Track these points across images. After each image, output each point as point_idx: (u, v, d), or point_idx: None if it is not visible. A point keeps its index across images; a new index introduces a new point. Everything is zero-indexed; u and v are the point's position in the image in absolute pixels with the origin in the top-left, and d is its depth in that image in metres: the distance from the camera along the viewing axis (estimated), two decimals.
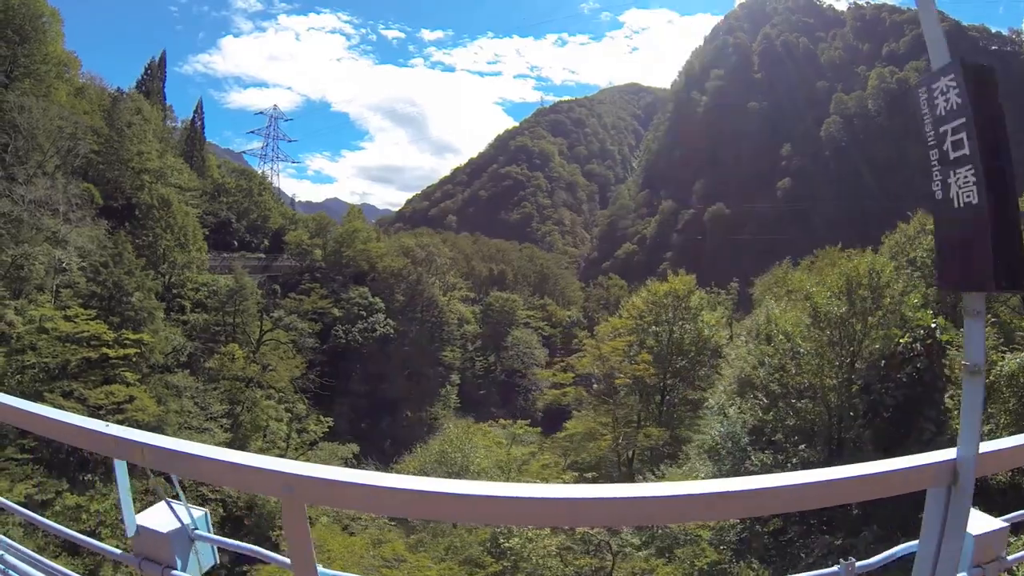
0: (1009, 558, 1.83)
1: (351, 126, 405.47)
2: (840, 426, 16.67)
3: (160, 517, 1.81)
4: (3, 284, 32.67)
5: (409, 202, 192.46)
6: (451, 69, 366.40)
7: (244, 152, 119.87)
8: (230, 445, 32.45)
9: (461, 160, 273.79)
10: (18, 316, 32.10)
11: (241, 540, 2.01)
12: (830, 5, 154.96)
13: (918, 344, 16.65)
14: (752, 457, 15.58)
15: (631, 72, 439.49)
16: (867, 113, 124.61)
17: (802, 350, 16.58)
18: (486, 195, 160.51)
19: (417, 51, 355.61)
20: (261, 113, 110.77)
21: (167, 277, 40.92)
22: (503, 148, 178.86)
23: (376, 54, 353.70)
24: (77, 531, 2.21)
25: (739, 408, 16.86)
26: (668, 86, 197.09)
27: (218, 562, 1.94)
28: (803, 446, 16.09)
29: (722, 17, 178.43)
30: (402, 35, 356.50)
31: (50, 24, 42.22)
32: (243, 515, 31.20)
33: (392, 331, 51.54)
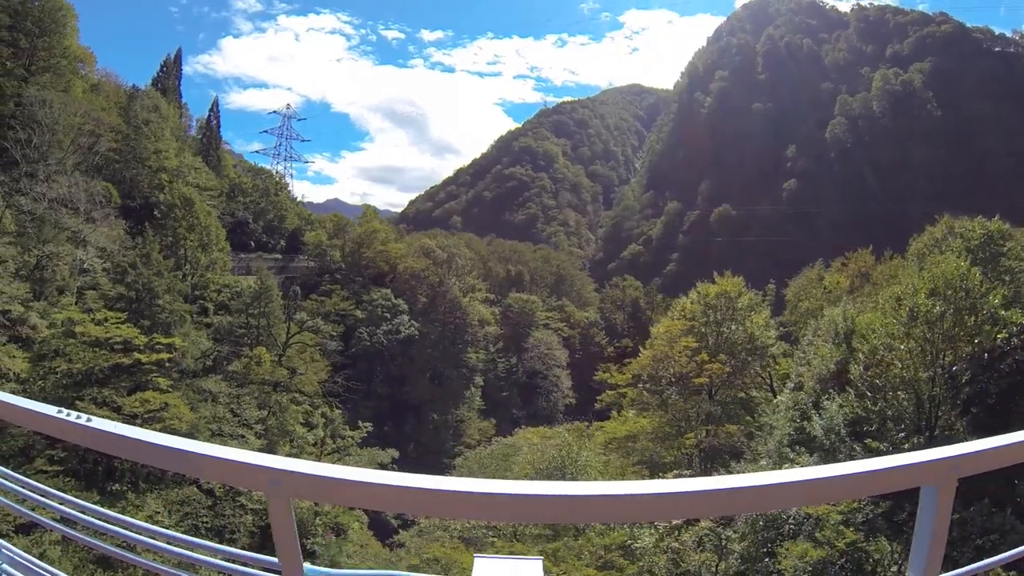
0: None
1: (351, 127, 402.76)
2: (936, 414, 17.32)
3: None
4: (27, 286, 31.44)
5: (412, 203, 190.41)
6: (451, 70, 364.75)
7: (246, 153, 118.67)
8: (262, 451, 31.45)
9: (461, 161, 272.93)
10: (41, 320, 30.91)
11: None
12: (833, 6, 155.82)
13: (1014, 339, 17.63)
14: (856, 447, 15.68)
15: (631, 73, 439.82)
16: (871, 115, 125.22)
17: (903, 347, 16.88)
18: (490, 196, 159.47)
19: (417, 52, 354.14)
20: (275, 112, 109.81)
21: (190, 278, 39.80)
22: (506, 149, 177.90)
23: (376, 55, 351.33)
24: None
25: (837, 403, 16.98)
26: (669, 87, 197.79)
27: None
28: (903, 434, 16.55)
29: (723, 18, 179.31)
30: (402, 36, 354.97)
31: (66, 18, 41.09)
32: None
33: (416, 333, 50.66)
